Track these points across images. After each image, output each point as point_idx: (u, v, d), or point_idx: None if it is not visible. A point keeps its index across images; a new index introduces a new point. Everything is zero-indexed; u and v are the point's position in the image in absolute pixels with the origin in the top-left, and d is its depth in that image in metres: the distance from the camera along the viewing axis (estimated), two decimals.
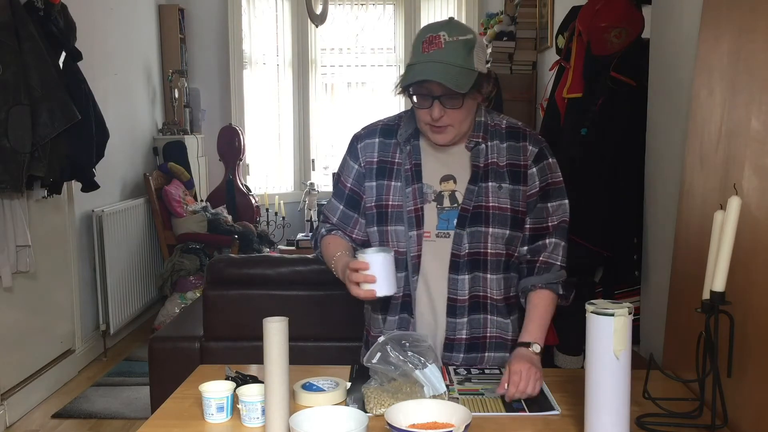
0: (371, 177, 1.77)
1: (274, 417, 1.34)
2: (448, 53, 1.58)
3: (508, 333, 1.77)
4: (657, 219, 2.39)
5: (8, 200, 3.35)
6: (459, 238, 1.69)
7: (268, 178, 6.56)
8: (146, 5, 5.49)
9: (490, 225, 1.69)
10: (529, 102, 5.02)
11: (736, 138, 1.50)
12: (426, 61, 1.58)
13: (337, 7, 6.54)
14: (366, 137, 1.80)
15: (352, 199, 1.80)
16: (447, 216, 1.71)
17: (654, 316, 2.33)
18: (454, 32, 1.60)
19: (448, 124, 1.64)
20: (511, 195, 1.71)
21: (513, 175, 1.72)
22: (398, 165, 1.75)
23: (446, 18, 1.69)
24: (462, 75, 1.59)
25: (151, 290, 5.12)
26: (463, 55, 1.59)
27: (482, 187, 1.70)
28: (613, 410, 1.27)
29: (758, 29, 1.45)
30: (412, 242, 1.70)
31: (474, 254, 1.70)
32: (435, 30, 1.61)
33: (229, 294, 2.69)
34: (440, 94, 1.60)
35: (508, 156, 1.73)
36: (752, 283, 1.35)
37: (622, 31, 2.61)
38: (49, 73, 3.30)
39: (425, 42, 1.60)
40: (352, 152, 1.81)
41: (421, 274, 1.71)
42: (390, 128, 1.79)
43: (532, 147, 1.75)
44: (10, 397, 3.41)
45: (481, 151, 1.72)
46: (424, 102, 1.63)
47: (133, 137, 5.12)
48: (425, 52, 1.59)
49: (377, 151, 1.77)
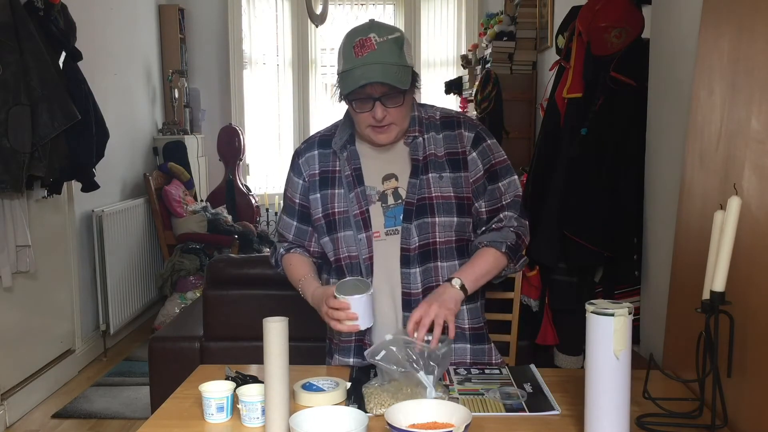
0: (315, 189, 1.80)
1: (274, 417, 1.34)
2: (382, 53, 1.60)
3: (464, 322, 1.79)
4: (657, 219, 2.39)
5: (8, 200, 3.35)
6: (407, 232, 1.72)
7: (268, 178, 6.56)
8: (146, 5, 5.49)
9: (436, 215, 1.72)
10: (529, 102, 5.02)
11: (736, 138, 1.50)
12: (363, 65, 1.60)
13: (337, 7, 6.54)
14: (305, 151, 1.84)
15: (303, 213, 1.84)
16: (393, 213, 1.74)
17: (654, 316, 2.33)
18: (382, 32, 1.63)
19: (390, 122, 1.67)
20: (454, 183, 1.74)
21: (453, 163, 1.75)
22: (339, 173, 1.77)
23: (368, 20, 1.70)
24: (401, 72, 1.62)
25: (151, 290, 5.12)
26: (396, 52, 1.62)
27: (423, 179, 1.73)
28: (613, 410, 1.27)
29: (758, 29, 1.45)
30: (362, 245, 1.73)
31: (424, 246, 1.72)
32: (363, 33, 1.63)
33: (229, 294, 2.69)
34: (380, 95, 1.63)
35: (446, 145, 1.76)
36: (752, 283, 1.35)
37: (622, 31, 2.60)
38: (49, 73, 3.30)
39: (356, 46, 1.61)
40: (294, 168, 1.85)
41: (377, 274, 1.73)
42: (327, 139, 1.83)
43: (467, 132, 1.77)
44: (10, 397, 3.41)
45: (419, 144, 1.75)
46: (365, 106, 1.65)
47: (133, 137, 5.12)
48: (359, 56, 1.60)
49: (318, 163, 1.81)
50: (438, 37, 6.62)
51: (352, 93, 1.63)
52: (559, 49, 3.09)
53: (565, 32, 2.99)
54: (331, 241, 1.78)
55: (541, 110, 3.37)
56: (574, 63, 2.76)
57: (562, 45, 3.04)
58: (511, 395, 1.55)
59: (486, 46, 5.25)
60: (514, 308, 2.22)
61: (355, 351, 1.79)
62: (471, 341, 1.81)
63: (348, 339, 1.80)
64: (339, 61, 1.68)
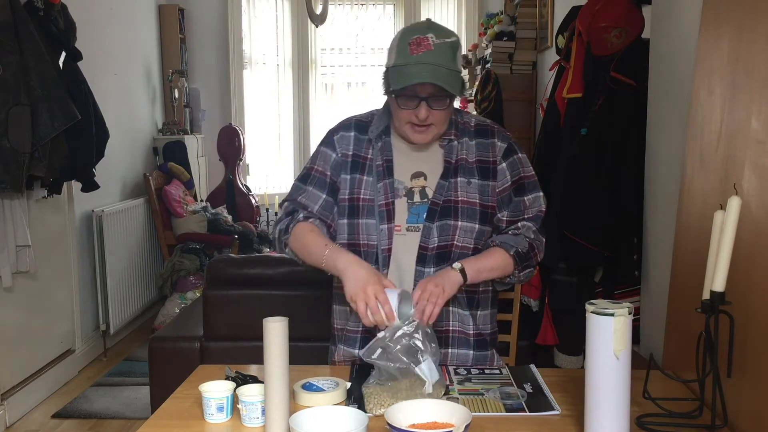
0: (346, 170, 1.78)
1: (274, 417, 1.34)
2: (437, 55, 1.60)
3: (469, 327, 1.78)
4: (657, 219, 2.39)
5: (8, 200, 3.35)
6: (428, 231, 1.72)
7: (268, 178, 6.56)
8: (146, 5, 5.49)
9: (459, 218, 1.72)
10: (529, 102, 5.02)
11: (736, 138, 1.50)
12: (417, 63, 1.60)
13: (337, 7, 6.53)
14: (342, 129, 1.82)
15: (334, 188, 1.79)
16: (417, 210, 1.74)
17: (654, 316, 2.33)
18: (440, 34, 1.63)
19: (431, 123, 1.66)
20: (480, 190, 1.74)
21: (482, 171, 1.76)
22: (370, 160, 1.77)
23: (425, 19, 1.71)
24: (452, 77, 1.62)
25: (151, 290, 5.12)
26: (450, 57, 1.62)
27: (452, 182, 1.73)
28: (613, 410, 1.27)
29: (758, 29, 1.45)
30: (383, 235, 1.72)
31: (442, 247, 1.72)
32: (421, 32, 1.62)
33: (229, 294, 2.69)
34: (427, 96, 1.62)
35: (477, 152, 1.76)
36: (752, 283, 1.35)
37: (622, 31, 2.61)
38: (49, 73, 3.30)
39: (412, 43, 1.61)
40: (328, 143, 1.82)
41: (392, 267, 1.73)
42: (363, 124, 1.82)
43: (500, 143, 1.78)
44: (10, 397, 3.41)
45: (453, 147, 1.75)
46: (410, 103, 1.64)
47: (133, 137, 5.12)
48: (414, 54, 1.60)
49: (352, 145, 1.80)
50: None
51: (401, 89, 1.62)
52: (559, 49, 3.10)
53: (565, 32, 2.99)
54: (350, 225, 1.76)
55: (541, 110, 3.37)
56: (574, 63, 2.76)
57: (562, 45, 3.04)
58: (511, 395, 1.55)
59: (486, 46, 5.26)
60: (514, 308, 2.22)
61: (361, 342, 1.76)
62: (474, 347, 1.79)
63: (355, 329, 1.78)
64: (390, 55, 1.68)
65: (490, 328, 1.84)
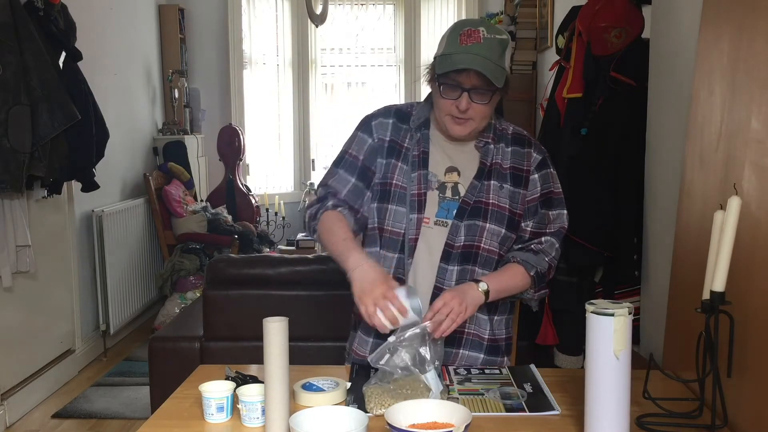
0: (382, 154, 1.77)
1: (274, 417, 1.34)
2: (486, 48, 1.61)
3: (485, 332, 1.78)
4: (657, 219, 2.39)
5: (8, 200, 3.35)
6: (456, 228, 1.72)
7: (268, 178, 6.56)
8: (146, 5, 5.49)
9: (488, 221, 1.72)
10: (529, 102, 5.02)
11: (736, 138, 1.50)
12: (465, 53, 1.60)
13: (337, 7, 6.53)
14: (381, 116, 1.81)
15: (365, 173, 1.79)
16: (447, 206, 1.74)
17: (654, 316, 2.33)
18: (491, 30, 1.64)
19: (470, 117, 1.66)
20: (511, 196, 1.75)
21: (515, 178, 1.76)
22: (406, 149, 1.76)
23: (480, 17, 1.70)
24: (498, 71, 1.62)
25: (151, 290, 5.12)
26: (499, 52, 1.63)
27: (485, 183, 1.74)
28: (613, 410, 1.27)
29: (758, 29, 1.45)
30: (412, 225, 1.72)
31: (468, 247, 1.72)
32: (474, 25, 1.64)
33: (229, 294, 2.69)
34: (470, 87, 1.62)
35: (512, 160, 1.78)
36: (752, 283, 1.35)
37: (622, 31, 2.61)
38: (49, 73, 3.30)
39: (463, 34, 1.62)
40: (365, 128, 1.81)
41: (416, 258, 1.73)
42: (404, 113, 1.81)
43: (536, 154, 1.79)
44: (10, 397, 3.41)
45: (489, 150, 1.76)
46: (452, 93, 1.64)
47: (133, 137, 5.12)
48: (463, 45, 1.61)
49: (390, 131, 1.79)
50: (438, 37, 6.55)
51: (445, 76, 1.62)
52: (559, 49, 3.10)
53: (565, 32, 2.99)
54: (379, 209, 1.76)
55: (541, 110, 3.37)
56: (574, 63, 2.76)
57: (562, 45, 3.04)
58: (511, 395, 1.55)
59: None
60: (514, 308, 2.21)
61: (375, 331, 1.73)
62: (486, 352, 1.79)
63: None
64: (440, 45, 1.68)
65: (506, 333, 1.84)
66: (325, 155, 6.79)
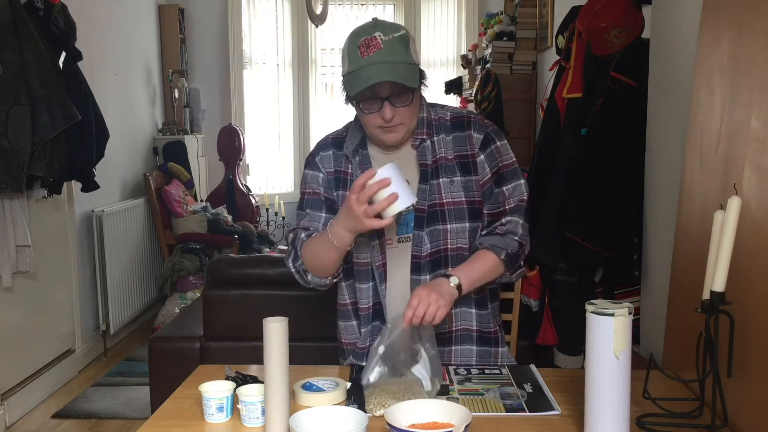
0: (335, 186, 1.77)
1: (274, 417, 1.34)
2: (389, 52, 1.57)
3: (472, 324, 1.78)
4: (657, 219, 2.39)
5: (8, 200, 3.35)
6: (419, 239, 1.69)
7: (268, 178, 6.56)
8: (146, 5, 5.49)
9: (448, 221, 1.70)
10: (529, 102, 5.02)
11: (736, 138, 1.50)
12: (369, 65, 1.56)
13: (337, 7, 6.54)
14: (321, 150, 1.81)
15: (331, 206, 1.77)
16: (405, 220, 1.71)
17: (654, 316, 2.33)
18: (387, 31, 1.59)
19: (399, 122, 1.63)
20: (465, 186, 1.71)
21: (463, 166, 1.72)
22: (351, 176, 1.75)
23: (371, 19, 1.66)
24: (408, 70, 1.58)
25: (151, 290, 5.12)
26: (402, 50, 1.59)
27: (434, 184, 1.70)
28: (613, 410, 1.27)
29: (758, 29, 1.45)
30: (376, 251, 1.71)
31: (435, 253, 1.70)
32: (368, 32, 1.59)
33: (229, 294, 2.69)
34: (388, 95, 1.59)
35: (455, 147, 1.73)
36: (752, 283, 1.35)
37: (622, 31, 2.61)
38: (49, 73, 3.30)
39: (361, 46, 1.58)
40: (312, 165, 1.81)
41: (389, 280, 1.72)
42: (340, 140, 1.80)
43: (476, 134, 1.73)
44: (10, 397, 3.41)
45: (427, 148, 1.72)
46: (373, 106, 1.61)
47: (133, 137, 5.12)
48: (365, 56, 1.56)
49: (333, 162, 1.79)
50: (438, 37, 6.62)
51: (360, 94, 1.59)
52: (559, 49, 3.10)
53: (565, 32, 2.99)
54: None
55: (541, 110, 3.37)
56: (574, 63, 2.76)
57: (562, 45, 3.04)
58: (511, 395, 1.55)
59: (486, 46, 5.26)
60: (514, 308, 2.22)
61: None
62: (477, 343, 1.79)
63: (363, 346, 1.77)
64: (344, 63, 1.64)
65: (494, 322, 1.83)
66: None
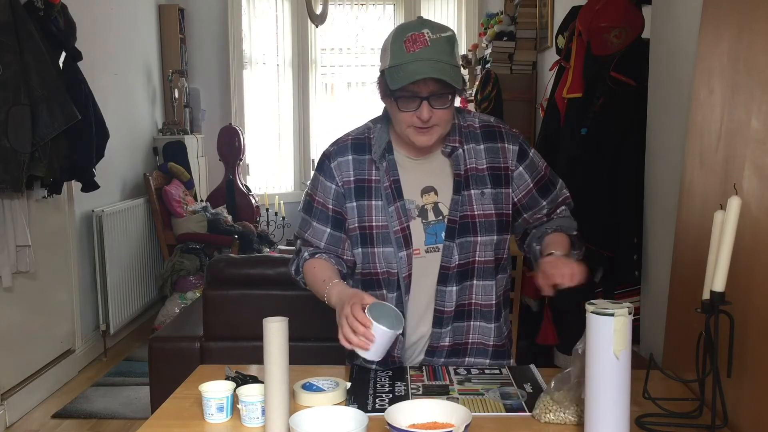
0: (350, 197, 1.69)
1: (274, 417, 1.34)
2: (435, 50, 1.51)
3: (489, 339, 1.76)
4: (657, 219, 2.39)
5: (8, 200, 3.35)
6: (449, 250, 1.66)
7: (268, 178, 6.56)
8: (146, 5, 5.49)
9: (479, 234, 1.67)
10: (529, 102, 5.02)
11: (736, 138, 1.50)
12: (415, 60, 1.50)
13: (337, 7, 6.54)
14: (338, 155, 1.71)
15: (337, 221, 1.71)
16: (434, 230, 1.67)
17: (654, 316, 2.33)
18: (435, 29, 1.55)
19: (434, 124, 1.57)
20: (495, 199, 1.68)
21: (494, 178, 1.69)
22: (376, 182, 1.67)
23: (416, 18, 1.63)
24: (453, 71, 1.53)
25: (151, 290, 5.12)
26: (448, 51, 1.54)
27: (465, 195, 1.66)
28: (613, 410, 1.27)
29: (758, 29, 1.45)
30: (403, 262, 1.66)
31: (463, 265, 1.68)
32: (415, 28, 1.54)
33: (229, 294, 2.69)
34: (428, 95, 1.53)
35: (488, 159, 1.69)
36: (752, 283, 1.35)
37: (622, 31, 2.61)
38: (49, 73, 3.30)
39: (407, 41, 1.52)
40: (325, 172, 1.71)
41: (413, 290, 1.69)
42: (361, 143, 1.71)
43: (511, 146, 1.71)
44: (10, 397, 3.41)
45: (460, 157, 1.67)
46: (411, 104, 1.55)
47: (133, 137, 5.12)
48: (411, 52, 1.51)
49: (352, 170, 1.69)
50: None
51: (400, 90, 1.52)
52: (559, 49, 3.10)
53: (565, 32, 3.00)
54: (365, 254, 1.69)
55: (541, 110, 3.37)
56: (574, 63, 2.76)
57: (562, 45, 3.05)
58: (511, 395, 1.55)
59: (486, 46, 5.25)
60: (514, 308, 2.22)
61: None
62: (491, 357, 1.77)
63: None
64: (384, 57, 1.57)
65: (507, 333, 1.82)
66: None
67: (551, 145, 2.86)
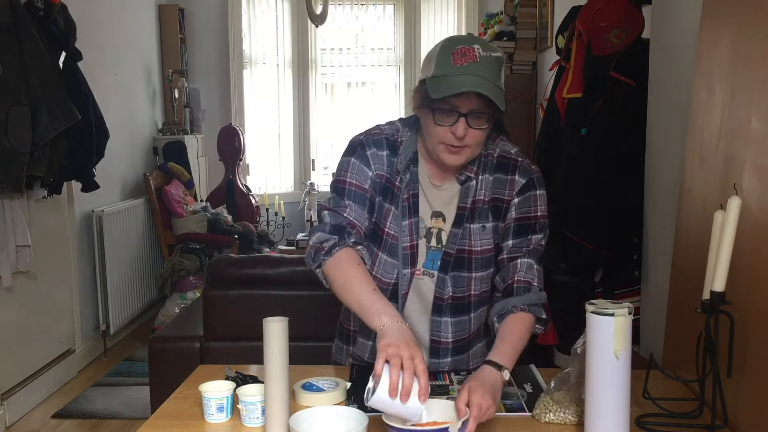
0: (378, 193, 1.63)
1: (274, 417, 1.34)
2: (483, 68, 1.46)
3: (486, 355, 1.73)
4: (657, 219, 2.39)
5: (8, 200, 3.35)
6: (442, 282, 1.63)
7: (268, 178, 6.56)
8: (146, 5, 5.49)
9: (473, 270, 1.63)
10: (529, 102, 5.02)
11: (736, 138, 1.50)
12: (462, 73, 1.45)
13: (337, 7, 6.54)
14: (374, 146, 1.63)
15: (373, 208, 1.64)
16: (433, 256, 1.64)
17: (654, 316, 2.33)
18: (486, 48, 1.50)
19: (467, 144, 1.50)
20: (494, 231, 1.64)
21: (495, 210, 1.63)
22: (398, 190, 1.62)
23: (467, 33, 1.60)
24: (498, 93, 1.46)
25: (151, 290, 5.12)
26: (496, 72, 1.49)
27: (466, 228, 1.62)
28: (613, 410, 1.27)
29: (758, 29, 1.45)
30: (405, 280, 1.63)
31: (458, 298, 1.65)
32: (467, 42, 1.48)
33: (229, 294, 2.69)
34: (467, 112, 1.47)
35: (493, 190, 1.62)
36: (752, 283, 1.35)
37: (622, 31, 2.61)
38: (49, 73, 3.30)
39: (456, 53, 1.46)
40: (362, 157, 1.63)
41: (407, 308, 1.66)
42: (393, 143, 1.64)
43: (520, 178, 1.62)
44: (10, 397, 3.41)
45: (471, 188, 1.61)
46: (448, 118, 1.48)
47: (133, 137, 5.12)
48: (458, 64, 1.45)
49: (386, 167, 1.63)
50: (438, 37, 6.61)
51: (441, 101, 1.46)
52: (559, 49, 3.10)
53: (565, 32, 3.00)
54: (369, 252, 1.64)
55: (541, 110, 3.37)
56: (574, 63, 2.76)
57: (562, 45, 3.05)
58: (511, 395, 1.55)
59: None
60: None
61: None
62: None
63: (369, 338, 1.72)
64: (428, 66, 1.51)
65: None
66: (325, 155, 6.80)
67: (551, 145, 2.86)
